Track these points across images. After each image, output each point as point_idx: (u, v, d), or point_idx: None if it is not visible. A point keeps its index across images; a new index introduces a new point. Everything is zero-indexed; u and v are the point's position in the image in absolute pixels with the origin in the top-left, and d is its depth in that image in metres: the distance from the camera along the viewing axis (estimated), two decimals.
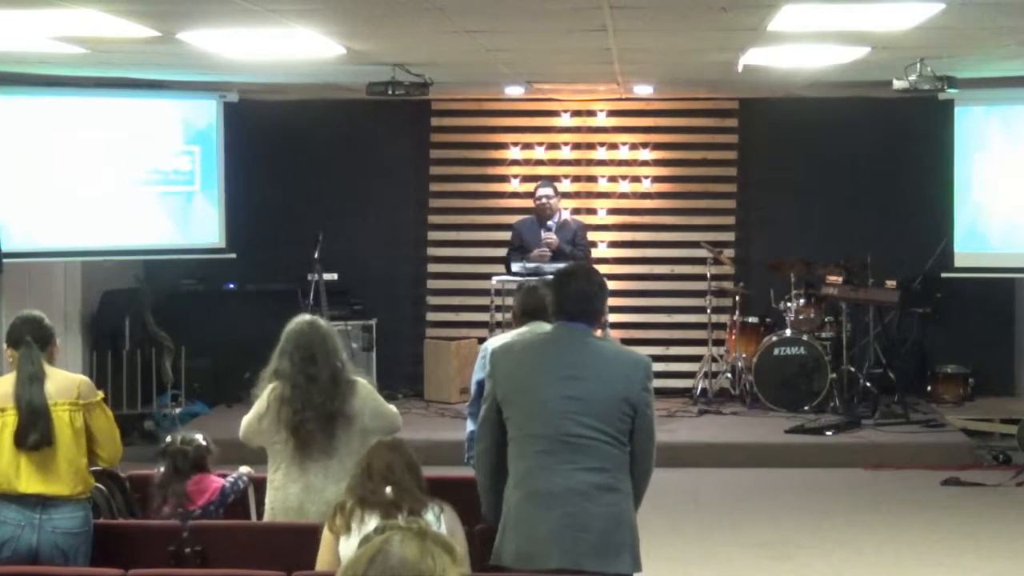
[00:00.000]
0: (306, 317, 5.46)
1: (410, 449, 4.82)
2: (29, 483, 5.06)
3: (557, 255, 10.11)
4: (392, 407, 5.59)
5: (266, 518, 5.46)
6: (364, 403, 5.38)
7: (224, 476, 5.69)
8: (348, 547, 4.45)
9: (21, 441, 5.05)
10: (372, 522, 4.47)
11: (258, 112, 11.38)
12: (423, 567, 2.40)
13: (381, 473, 4.64)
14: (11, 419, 5.08)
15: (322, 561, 4.58)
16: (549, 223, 10.41)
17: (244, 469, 5.77)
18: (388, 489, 4.59)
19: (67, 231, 10.18)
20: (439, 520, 4.61)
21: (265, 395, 5.39)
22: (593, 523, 4.46)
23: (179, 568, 5.11)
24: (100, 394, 5.30)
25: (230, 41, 7.40)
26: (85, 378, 5.34)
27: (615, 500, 4.51)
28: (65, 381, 5.21)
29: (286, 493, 5.32)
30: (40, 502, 5.06)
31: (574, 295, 4.67)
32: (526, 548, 4.50)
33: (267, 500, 5.43)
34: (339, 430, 5.29)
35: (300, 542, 4.74)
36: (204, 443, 5.78)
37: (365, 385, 5.47)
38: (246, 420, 5.48)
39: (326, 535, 4.59)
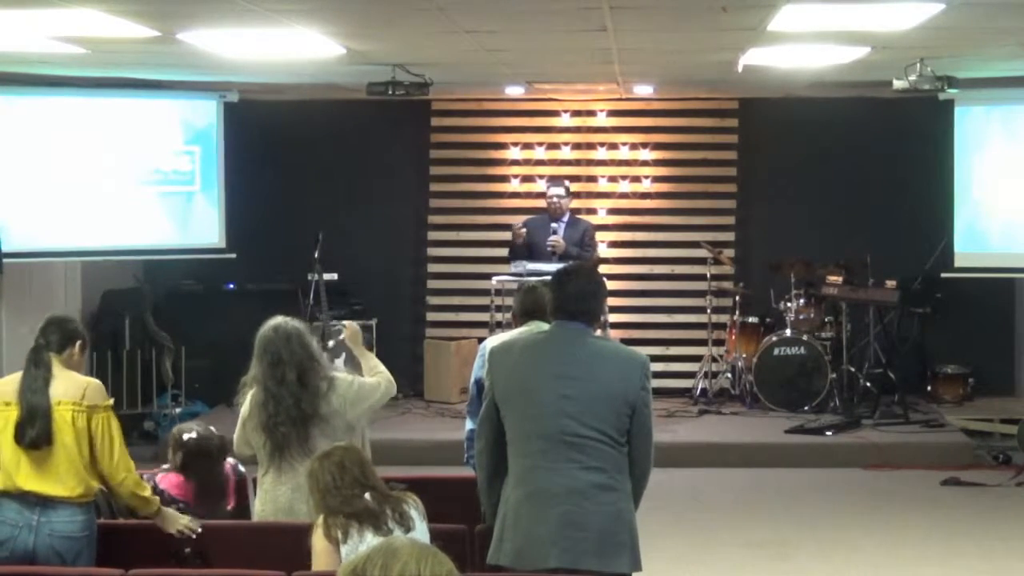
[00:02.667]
0: (273, 321, 5.45)
1: (351, 446, 4.79)
2: (28, 481, 5.04)
3: (563, 257, 10.09)
4: (374, 379, 5.50)
5: (256, 520, 5.47)
6: (343, 399, 5.37)
7: None
8: (347, 552, 4.44)
9: (19, 438, 5.05)
10: (367, 532, 4.46)
11: (258, 112, 11.38)
12: (426, 551, 2.53)
13: (350, 481, 4.59)
14: (14, 415, 5.08)
15: (324, 567, 4.54)
16: (554, 224, 10.38)
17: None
18: (367, 495, 4.58)
19: (67, 231, 10.18)
20: (420, 513, 4.62)
21: (247, 400, 5.43)
22: (592, 522, 4.46)
23: (179, 568, 5.12)
24: (109, 400, 5.23)
25: (230, 41, 7.41)
26: (96, 381, 5.28)
27: (614, 499, 4.50)
28: (74, 382, 5.17)
29: (275, 494, 5.34)
30: (39, 502, 5.03)
31: (572, 294, 4.66)
32: (525, 547, 4.50)
33: (257, 502, 5.46)
34: (314, 431, 5.29)
35: (299, 542, 4.73)
36: (214, 431, 5.83)
37: (344, 379, 5.45)
38: (236, 432, 5.52)
39: (324, 545, 4.52)
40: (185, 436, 5.73)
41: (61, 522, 5.04)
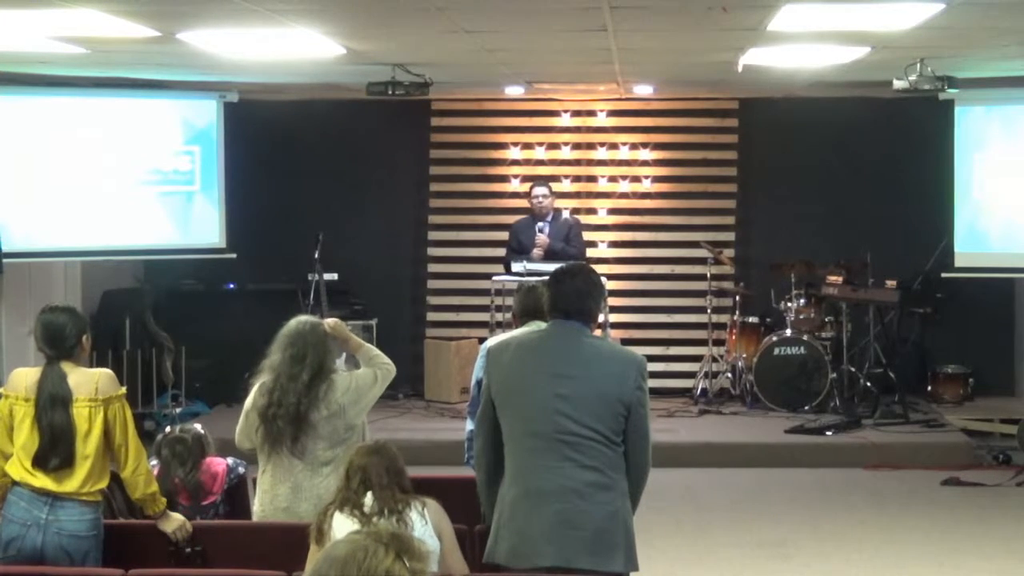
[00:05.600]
0: (307, 318, 5.46)
1: (392, 450, 4.78)
2: (41, 477, 5.00)
3: (549, 254, 10.19)
4: (368, 371, 5.44)
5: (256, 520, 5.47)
6: (342, 403, 5.34)
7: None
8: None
9: (42, 464, 4.99)
10: (348, 526, 4.47)
11: (258, 112, 11.38)
12: (356, 558, 2.47)
13: (359, 478, 4.63)
14: (32, 410, 5.02)
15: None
16: (540, 224, 10.53)
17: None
18: (368, 495, 4.59)
19: (67, 231, 10.18)
20: (424, 517, 4.61)
21: (254, 390, 5.41)
22: (587, 521, 4.46)
23: (179, 568, 5.11)
24: (121, 389, 5.20)
25: (230, 41, 7.41)
26: (107, 372, 5.24)
27: (609, 499, 4.49)
28: (85, 376, 5.11)
29: (274, 494, 5.33)
30: (49, 501, 5.00)
31: (568, 293, 4.66)
32: (520, 546, 4.50)
33: (256, 503, 5.45)
34: (302, 435, 5.27)
35: (300, 542, 4.74)
36: (202, 432, 5.81)
37: (342, 379, 5.40)
38: (239, 423, 5.49)
39: (312, 548, 4.55)
40: (159, 436, 5.75)
41: (69, 520, 5.01)
